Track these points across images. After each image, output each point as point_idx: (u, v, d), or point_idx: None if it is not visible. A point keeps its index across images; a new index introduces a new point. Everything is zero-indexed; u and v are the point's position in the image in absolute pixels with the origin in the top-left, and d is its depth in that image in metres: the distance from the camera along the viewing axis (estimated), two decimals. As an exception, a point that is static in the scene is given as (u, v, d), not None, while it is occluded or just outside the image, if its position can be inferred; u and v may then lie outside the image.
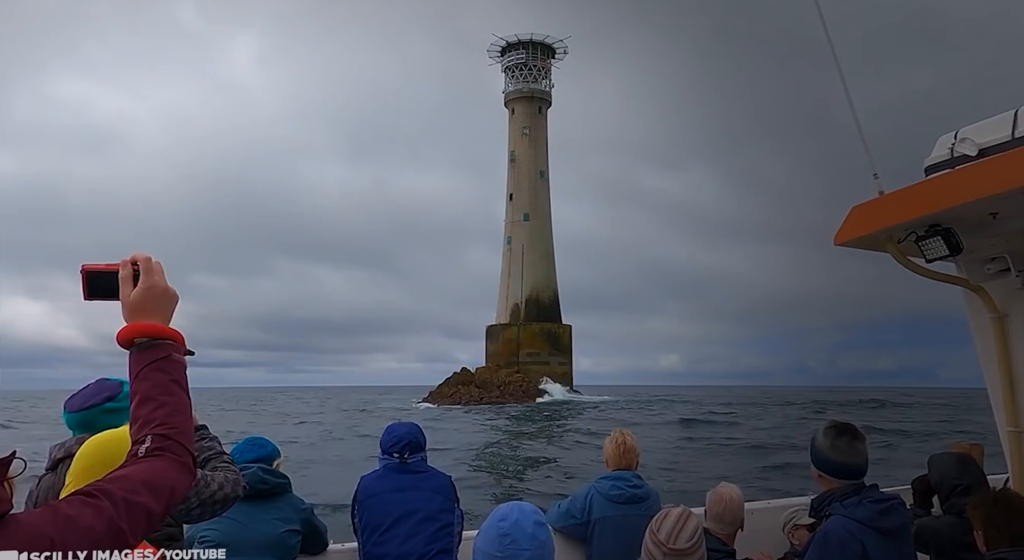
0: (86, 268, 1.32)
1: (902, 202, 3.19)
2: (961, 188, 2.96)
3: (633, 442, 3.69)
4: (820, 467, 2.69)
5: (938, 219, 3.10)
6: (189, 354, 1.31)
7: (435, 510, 3.20)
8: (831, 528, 2.57)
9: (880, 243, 3.35)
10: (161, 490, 1.08)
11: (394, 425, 3.41)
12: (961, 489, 3.20)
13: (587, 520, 3.51)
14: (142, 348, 1.24)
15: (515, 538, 1.86)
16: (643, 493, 3.56)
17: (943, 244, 3.11)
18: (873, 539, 2.50)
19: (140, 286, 1.29)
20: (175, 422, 1.19)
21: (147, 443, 1.15)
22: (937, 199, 3.05)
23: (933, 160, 3.28)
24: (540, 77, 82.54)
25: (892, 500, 2.61)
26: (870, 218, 3.32)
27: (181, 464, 1.16)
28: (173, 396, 1.22)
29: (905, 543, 2.61)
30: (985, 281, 3.51)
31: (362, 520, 3.20)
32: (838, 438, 2.64)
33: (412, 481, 3.25)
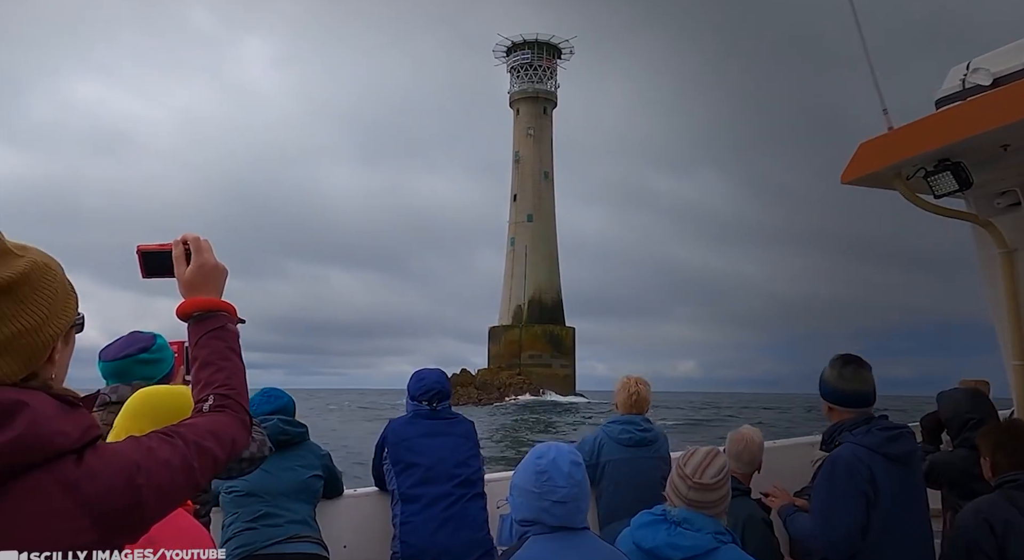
0: (141, 249, 1.45)
1: (911, 136, 3.17)
2: (972, 120, 2.94)
3: (646, 392, 3.72)
4: (829, 398, 2.71)
5: (948, 153, 3.08)
6: (241, 322, 1.44)
7: (465, 455, 3.29)
8: (839, 454, 2.60)
9: (888, 180, 3.33)
10: (225, 440, 1.20)
11: (423, 372, 3.47)
12: (974, 423, 3.17)
13: (596, 462, 3.54)
14: (199, 319, 1.37)
15: (551, 475, 1.90)
16: (652, 436, 3.60)
17: (952, 179, 3.09)
18: (881, 465, 2.52)
19: (193, 264, 1.41)
20: (233, 384, 1.32)
21: (210, 401, 1.27)
22: (947, 132, 3.02)
23: (944, 92, 3.26)
24: (545, 77, 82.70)
25: (901, 428, 2.63)
26: (878, 154, 3.29)
27: (240, 421, 1.28)
28: (230, 361, 1.35)
29: (914, 470, 2.64)
30: (994, 216, 3.49)
31: (395, 463, 3.26)
32: (844, 367, 2.67)
33: (442, 427, 3.33)
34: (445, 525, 3.12)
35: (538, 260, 78.45)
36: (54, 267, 1.07)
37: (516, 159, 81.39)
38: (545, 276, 78.79)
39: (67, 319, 1.07)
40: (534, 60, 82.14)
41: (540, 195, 79.88)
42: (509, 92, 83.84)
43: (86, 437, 0.97)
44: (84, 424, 0.98)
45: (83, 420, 0.99)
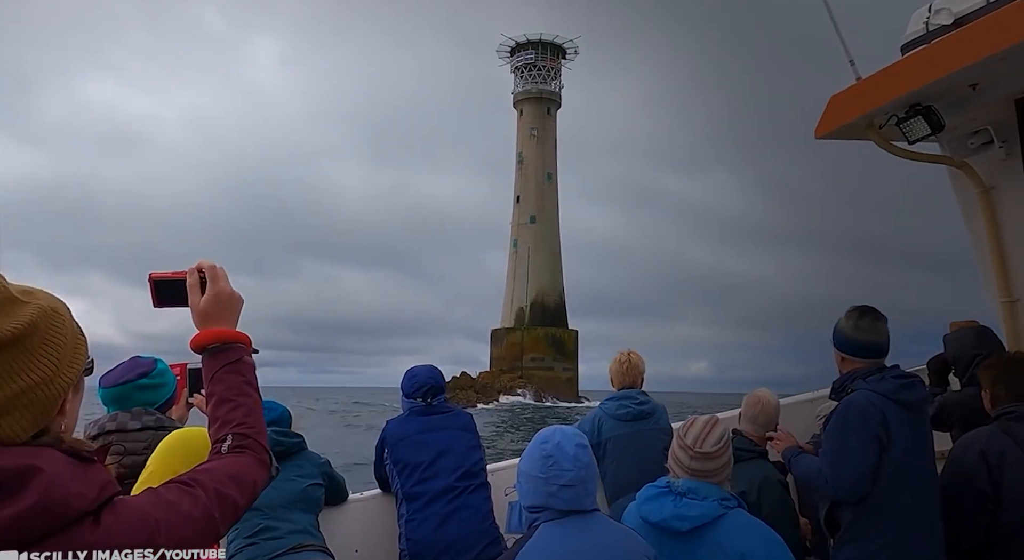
0: (154, 276, 1.41)
1: (880, 84, 3.17)
2: (939, 62, 2.93)
3: (638, 360, 3.75)
4: (843, 348, 2.73)
5: (917, 97, 3.08)
6: (255, 352, 1.42)
7: (466, 447, 3.33)
8: (853, 399, 2.62)
9: (861, 131, 3.33)
10: (245, 484, 1.19)
11: (414, 369, 3.51)
12: (980, 359, 3.16)
13: (598, 440, 3.56)
14: (215, 352, 1.34)
15: (557, 459, 1.91)
16: (650, 408, 3.62)
17: (924, 123, 3.09)
18: (894, 411, 2.54)
19: (208, 293, 1.38)
20: (251, 421, 1.30)
21: (228, 441, 1.26)
22: (915, 76, 3.02)
23: (909, 37, 3.26)
24: (549, 78, 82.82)
25: (914, 377, 2.65)
26: (849, 106, 3.29)
27: (260, 461, 1.27)
28: (248, 397, 1.33)
29: (924, 417, 2.67)
30: (969, 156, 3.49)
31: (396, 461, 3.29)
32: (861, 318, 2.69)
33: (440, 421, 3.37)
34: (450, 518, 3.15)
35: (540, 262, 78.44)
36: (62, 311, 1.03)
37: (519, 160, 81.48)
38: (548, 278, 78.76)
39: (78, 367, 1.03)
40: (538, 60, 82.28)
41: (543, 196, 79.92)
42: (513, 92, 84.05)
43: (103, 495, 0.94)
44: (100, 481, 0.95)
45: (99, 477, 0.95)
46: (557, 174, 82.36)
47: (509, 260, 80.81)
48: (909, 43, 3.24)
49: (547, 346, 75.98)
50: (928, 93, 3.05)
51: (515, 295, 78.88)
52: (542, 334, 76.22)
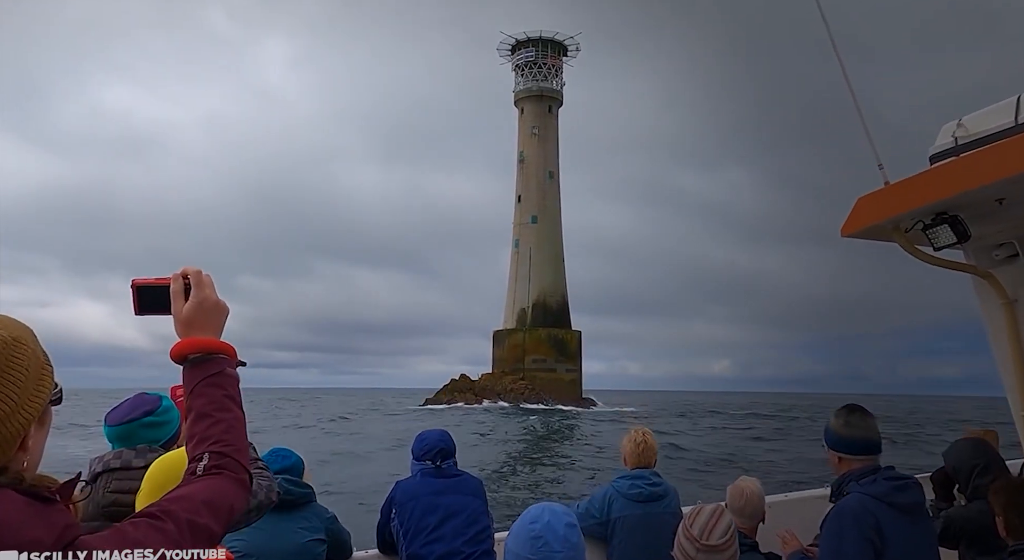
0: (136, 283, 1.35)
1: (908, 191, 3.28)
2: (966, 175, 3.04)
3: (652, 442, 3.80)
4: (836, 448, 2.79)
5: (944, 207, 3.19)
6: (241, 365, 1.35)
7: (474, 512, 3.38)
8: (846, 503, 2.68)
9: (887, 233, 3.43)
10: (221, 510, 1.12)
11: (425, 433, 3.58)
12: (980, 469, 3.23)
13: (607, 519, 3.61)
14: (196, 363, 1.28)
15: (547, 540, 1.90)
16: (662, 490, 3.67)
17: (951, 231, 3.19)
18: (888, 514, 2.59)
19: (192, 300, 1.31)
20: (231, 439, 1.23)
21: (204, 461, 1.19)
22: (942, 187, 3.13)
23: (937, 148, 3.37)
24: (551, 76, 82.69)
25: (907, 479, 2.69)
26: (876, 208, 3.40)
27: (238, 481, 1.20)
28: (228, 412, 1.25)
29: (922, 520, 2.68)
30: (994, 267, 3.59)
31: (403, 522, 3.34)
32: (851, 415, 2.76)
33: (450, 485, 3.43)
34: None
35: (543, 262, 78.38)
36: (25, 341, 0.98)
37: (520, 159, 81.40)
38: (550, 279, 78.71)
39: (41, 400, 0.99)
40: (538, 58, 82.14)
41: (545, 196, 79.84)
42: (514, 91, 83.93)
43: (63, 540, 0.90)
44: (60, 524, 0.91)
45: (59, 520, 0.91)
46: (559, 173, 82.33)
47: (511, 260, 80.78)
48: (938, 154, 3.35)
49: (549, 347, 75.86)
50: (955, 203, 3.16)
51: (517, 296, 78.84)
52: (544, 335, 76.08)
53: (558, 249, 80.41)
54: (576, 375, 77.82)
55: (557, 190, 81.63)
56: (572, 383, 76.49)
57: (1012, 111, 3.08)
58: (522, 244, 79.21)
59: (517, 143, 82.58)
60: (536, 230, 78.89)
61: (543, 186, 79.98)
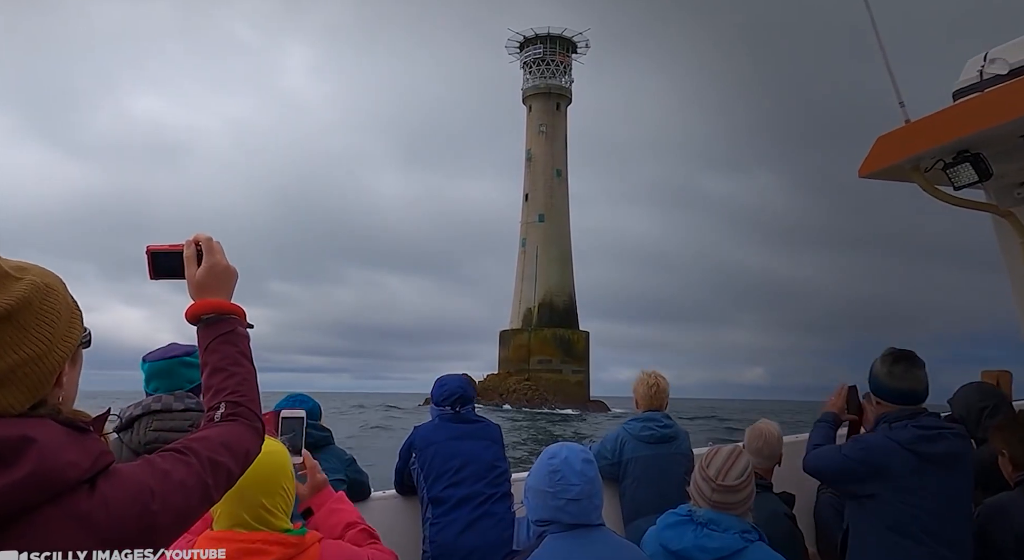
0: (151, 249, 1.45)
1: (929, 129, 3.25)
2: (991, 110, 3.02)
3: (665, 384, 3.86)
4: (878, 393, 2.80)
5: (966, 144, 3.16)
6: (250, 327, 1.45)
7: (492, 457, 3.48)
8: (869, 436, 2.75)
9: (906, 173, 3.41)
10: (238, 452, 1.22)
11: (444, 378, 3.65)
12: (989, 411, 3.23)
13: (619, 460, 3.69)
14: (209, 323, 1.38)
15: (564, 474, 2.00)
16: (673, 432, 3.74)
17: (972, 170, 3.16)
18: (910, 461, 2.59)
19: (204, 265, 1.41)
20: (244, 390, 1.33)
21: (222, 409, 1.28)
22: (965, 123, 3.11)
23: (962, 84, 3.34)
24: (559, 73, 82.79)
25: (944, 428, 2.67)
26: (896, 147, 3.38)
27: (253, 429, 1.30)
28: (241, 366, 1.35)
29: (955, 474, 2.63)
30: (1015, 206, 3.56)
31: (423, 466, 3.42)
32: (895, 364, 2.74)
33: (468, 430, 3.52)
34: (473, 525, 3.29)
35: (549, 262, 78.39)
36: (56, 287, 1.06)
37: (528, 157, 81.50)
38: (556, 278, 78.74)
39: (73, 341, 1.07)
40: (546, 55, 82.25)
41: (552, 194, 79.89)
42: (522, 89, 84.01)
43: (98, 465, 0.98)
44: (95, 451, 0.99)
45: (94, 447, 0.99)
46: (568, 171, 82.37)
47: (518, 260, 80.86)
48: (961, 90, 3.32)
49: (555, 348, 75.81)
50: (977, 141, 3.13)
51: (523, 296, 78.89)
52: (549, 335, 76.05)
53: (566, 248, 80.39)
54: (583, 376, 77.77)
55: (565, 189, 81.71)
56: (579, 384, 76.45)
57: None
58: (529, 243, 79.27)
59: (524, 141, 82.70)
60: (543, 229, 78.94)
61: (551, 184, 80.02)
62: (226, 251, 1.45)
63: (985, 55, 3.26)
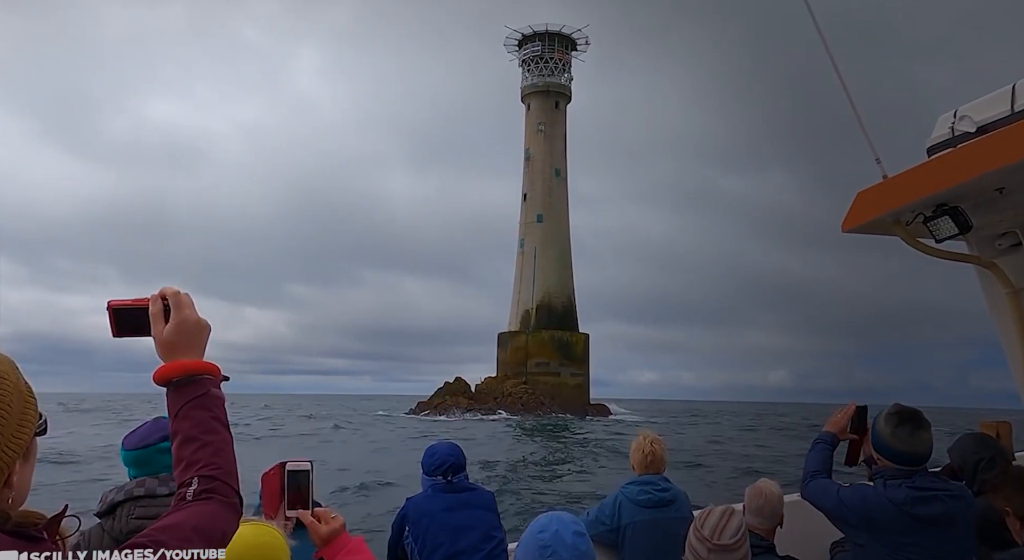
0: (112, 304, 1.35)
1: (907, 184, 3.34)
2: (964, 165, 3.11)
3: (661, 451, 3.86)
4: (880, 452, 2.82)
5: (944, 198, 3.25)
6: (224, 380, 1.36)
7: (489, 527, 3.46)
8: (867, 489, 2.80)
9: (887, 227, 3.50)
10: (213, 536, 1.13)
11: (435, 446, 3.64)
12: (985, 462, 3.26)
13: (617, 525, 3.68)
14: (179, 386, 1.29)
15: (555, 549, 1.94)
16: (671, 496, 3.73)
17: (952, 223, 3.25)
18: (902, 520, 2.63)
19: (172, 322, 1.31)
20: (219, 462, 1.24)
21: (194, 485, 1.20)
22: (941, 178, 3.19)
23: (934, 140, 3.43)
24: (558, 70, 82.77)
25: (940, 490, 2.69)
26: (876, 202, 3.47)
27: (228, 505, 1.22)
28: (216, 434, 1.26)
29: (950, 534, 2.66)
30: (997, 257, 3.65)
31: (418, 540, 3.40)
32: (899, 426, 2.75)
33: (462, 499, 3.49)
34: None
35: (548, 262, 78.32)
36: (6, 374, 0.99)
37: (527, 157, 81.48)
38: (555, 279, 78.66)
39: (26, 435, 1.00)
40: (545, 53, 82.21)
41: (551, 194, 79.84)
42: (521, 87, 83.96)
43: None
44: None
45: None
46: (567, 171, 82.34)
47: (516, 261, 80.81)
48: (935, 146, 3.41)
49: (553, 350, 75.57)
50: (955, 194, 3.22)
51: (521, 297, 78.85)
52: (547, 337, 75.74)
53: (565, 249, 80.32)
54: (582, 380, 77.57)
55: (565, 188, 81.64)
56: (578, 388, 76.28)
57: (1008, 100, 3.14)
58: (527, 244, 79.21)
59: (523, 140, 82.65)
60: (542, 229, 78.87)
61: (549, 184, 79.98)
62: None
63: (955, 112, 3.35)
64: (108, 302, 1.35)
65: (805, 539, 3.60)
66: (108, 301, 1.35)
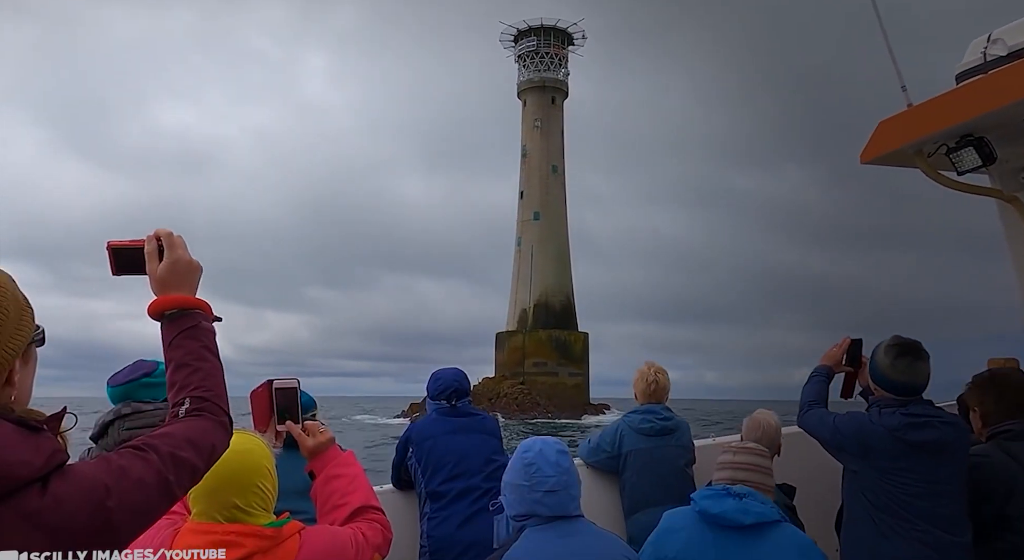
0: (112, 244, 1.46)
1: (932, 112, 3.29)
2: (994, 93, 3.06)
3: (664, 379, 3.90)
4: (877, 382, 2.88)
5: (970, 128, 3.20)
6: (216, 320, 1.46)
7: (490, 451, 3.55)
8: (861, 415, 2.86)
9: (909, 158, 3.46)
10: (203, 447, 1.23)
11: (439, 372, 3.73)
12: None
13: (618, 453, 3.73)
14: (172, 318, 1.40)
15: (539, 466, 2.07)
16: (673, 424, 3.79)
17: (976, 154, 3.21)
18: (892, 447, 2.69)
19: (165, 260, 1.43)
20: (210, 385, 1.34)
21: (186, 405, 1.30)
22: (969, 106, 3.14)
23: (964, 66, 3.38)
24: (554, 65, 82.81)
25: (933, 416, 2.73)
26: (898, 132, 3.42)
27: (219, 423, 1.31)
28: (206, 361, 1.37)
29: (943, 459, 2.69)
30: (1019, 191, 3.60)
31: (421, 460, 3.49)
32: (899, 357, 2.79)
33: (466, 423, 3.59)
34: (473, 518, 3.34)
35: (545, 261, 78.28)
36: (3, 284, 1.09)
37: (523, 154, 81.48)
38: (553, 278, 78.63)
39: (22, 338, 1.09)
40: (540, 47, 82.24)
41: (548, 191, 79.79)
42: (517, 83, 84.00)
43: (51, 463, 0.99)
44: (48, 449, 1.00)
45: (47, 445, 1.01)
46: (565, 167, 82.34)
47: (513, 260, 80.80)
48: (965, 72, 3.35)
49: (551, 350, 75.50)
50: (981, 124, 3.17)
51: (518, 296, 78.83)
52: (545, 337, 75.69)
53: (563, 246, 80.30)
54: (581, 380, 77.54)
55: (562, 185, 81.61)
56: (576, 388, 76.24)
57: None
58: (524, 242, 79.19)
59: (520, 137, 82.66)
60: (539, 227, 78.83)
61: (546, 181, 79.95)
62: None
63: (988, 36, 3.30)
64: (107, 242, 1.45)
65: (802, 469, 3.61)
66: (107, 241, 1.46)
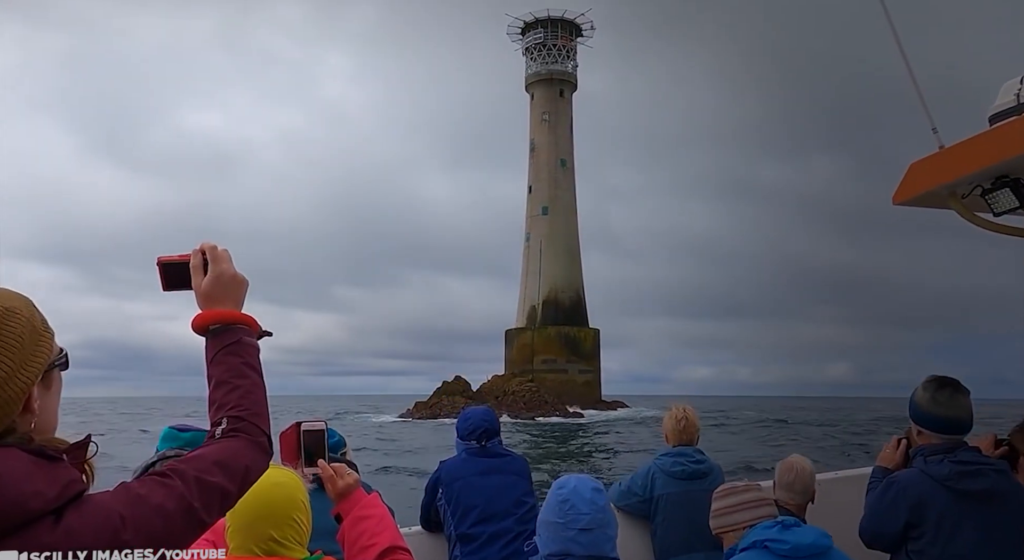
0: (161, 260, 1.47)
1: (965, 154, 3.28)
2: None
3: (694, 418, 3.90)
4: (919, 422, 2.82)
5: (1005, 169, 3.18)
6: (267, 335, 1.46)
7: (520, 493, 3.55)
8: (900, 476, 2.75)
9: (942, 200, 3.43)
10: (235, 470, 1.20)
11: (469, 411, 3.77)
12: None
13: (650, 497, 3.72)
14: (215, 334, 1.38)
15: (574, 503, 2.07)
16: (706, 468, 3.76)
17: (1012, 195, 3.18)
18: (944, 499, 2.61)
19: (209, 274, 1.42)
20: (248, 404, 1.32)
21: (223, 425, 1.28)
22: (1003, 148, 3.13)
23: (998, 108, 3.35)
24: (562, 57, 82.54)
25: (984, 464, 2.68)
26: (931, 174, 3.40)
27: (255, 444, 1.29)
28: (246, 378, 1.35)
29: (996, 510, 2.63)
30: None
31: (451, 502, 3.49)
32: (939, 391, 2.76)
33: (496, 464, 3.60)
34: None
35: (554, 256, 78.13)
36: (18, 310, 1.07)
37: (531, 148, 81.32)
38: (562, 273, 78.48)
39: (39, 365, 1.07)
40: (547, 39, 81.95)
41: (557, 185, 79.62)
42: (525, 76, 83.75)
43: (66, 494, 0.97)
44: (64, 480, 0.98)
45: (63, 475, 0.99)
46: (575, 161, 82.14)
47: (523, 255, 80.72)
48: (998, 114, 3.33)
49: (560, 347, 75.33)
50: (1017, 165, 3.15)
51: (527, 292, 78.78)
52: (554, 334, 75.55)
53: (572, 241, 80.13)
54: (592, 376, 77.33)
55: (571, 179, 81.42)
56: (587, 385, 76.08)
57: None
58: (532, 237, 79.10)
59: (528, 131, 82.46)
60: (547, 222, 78.69)
61: (555, 175, 79.77)
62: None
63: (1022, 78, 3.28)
64: (157, 258, 1.46)
65: (837, 517, 3.52)
66: (158, 257, 1.46)
